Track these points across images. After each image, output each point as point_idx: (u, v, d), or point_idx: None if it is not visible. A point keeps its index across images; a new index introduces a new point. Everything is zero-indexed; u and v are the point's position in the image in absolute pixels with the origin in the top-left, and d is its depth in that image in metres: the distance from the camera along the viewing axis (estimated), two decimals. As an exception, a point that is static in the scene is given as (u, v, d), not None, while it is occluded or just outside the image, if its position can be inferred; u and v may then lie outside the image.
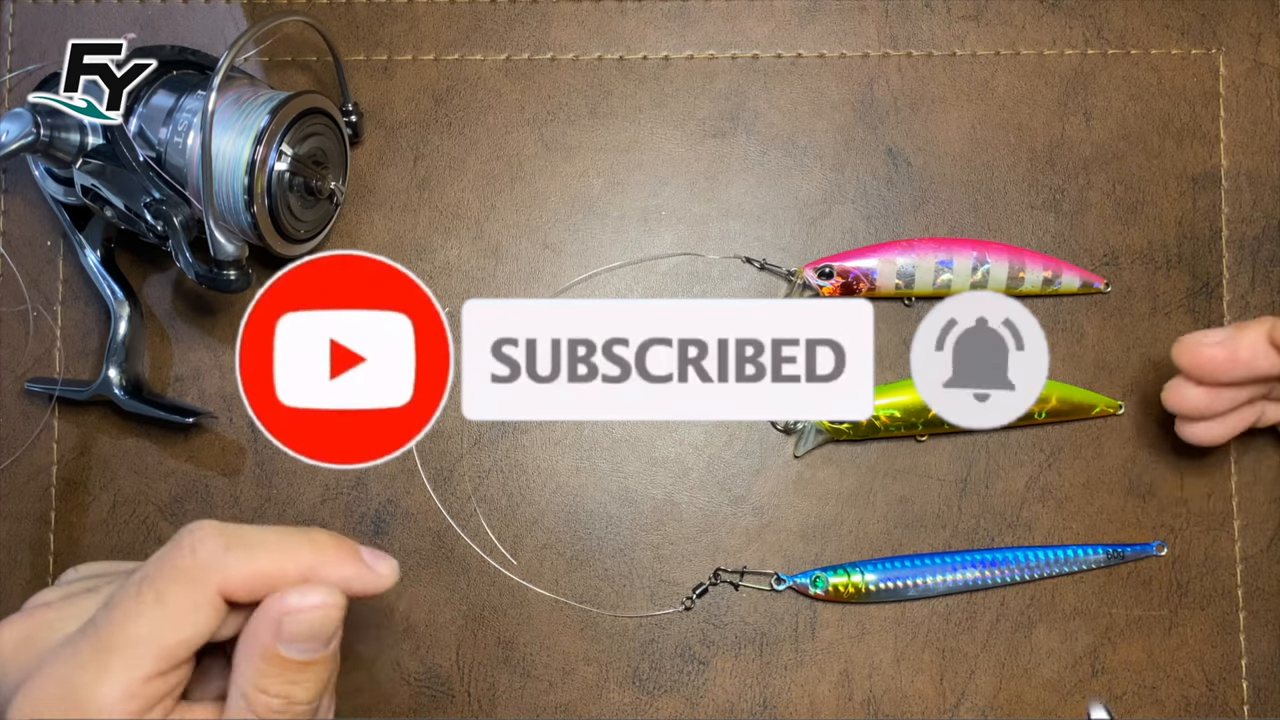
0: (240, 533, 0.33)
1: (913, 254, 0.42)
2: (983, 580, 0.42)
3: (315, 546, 0.33)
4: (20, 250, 0.44)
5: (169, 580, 0.32)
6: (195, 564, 0.32)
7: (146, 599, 0.31)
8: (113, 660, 0.31)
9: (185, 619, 0.31)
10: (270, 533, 0.33)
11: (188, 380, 0.43)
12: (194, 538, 0.32)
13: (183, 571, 0.32)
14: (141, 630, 0.31)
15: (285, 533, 0.33)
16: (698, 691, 0.42)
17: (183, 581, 0.31)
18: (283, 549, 0.33)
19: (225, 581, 0.32)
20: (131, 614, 0.31)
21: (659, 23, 0.44)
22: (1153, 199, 0.44)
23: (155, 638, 0.31)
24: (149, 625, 0.31)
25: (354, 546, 0.34)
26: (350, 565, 0.33)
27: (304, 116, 0.39)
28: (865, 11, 0.44)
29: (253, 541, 0.32)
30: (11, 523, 0.43)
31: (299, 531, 0.33)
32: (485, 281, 0.43)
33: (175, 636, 0.31)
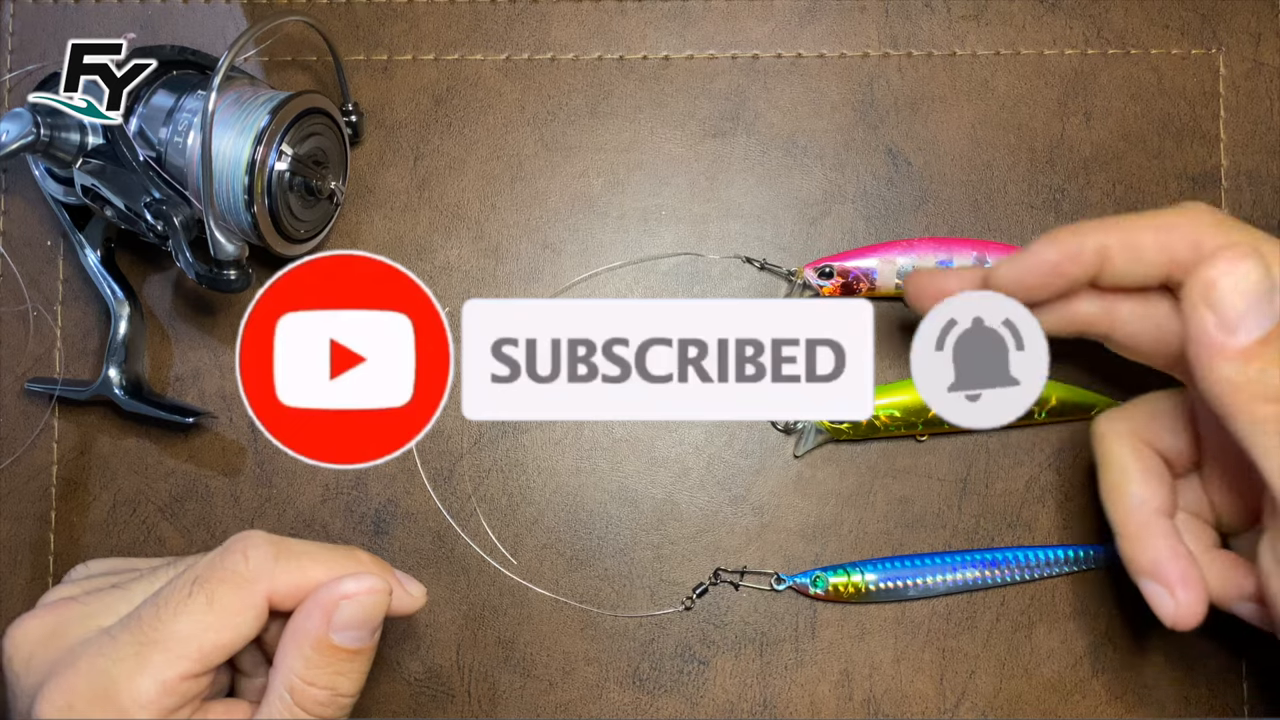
0: (288, 544, 0.34)
1: (913, 254, 0.42)
2: (983, 580, 0.42)
3: (356, 562, 0.35)
4: (20, 250, 0.44)
5: (221, 583, 0.33)
6: (248, 570, 0.33)
7: (198, 599, 0.32)
8: (154, 655, 0.31)
9: (232, 622, 0.32)
10: (314, 545, 0.35)
11: (188, 380, 0.43)
12: (247, 544, 0.33)
13: (236, 575, 0.33)
14: (188, 629, 0.32)
15: (329, 547, 0.35)
16: (698, 691, 0.42)
17: (234, 585, 0.33)
18: (328, 561, 0.34)
19: (274, 589, 0.33)
20: (180, 612, 0.32)
21: (659, 23, 0.44)
22: (1153, 199, 0.44)
23: (200, 637, 0.32)
24: (196, 624, 0.32)
25: (388, 566, 0.36)
26: (393, 584, 0.35)
27: (304, 116, 0.39)
28: (865, 11, 0.44)
29: (299, 552, 0.34)
30: (11, 523, 0.43)
31: (341, 548, 0.35)
32: (485, 281, 0.43)
33: (219, 638, 0.32)
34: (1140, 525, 0.35)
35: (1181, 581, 0.35)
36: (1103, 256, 0.33)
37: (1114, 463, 0.36)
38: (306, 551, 0.34)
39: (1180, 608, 0.35)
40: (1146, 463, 0.36)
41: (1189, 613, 0.35)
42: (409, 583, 0.36)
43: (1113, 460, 0.36)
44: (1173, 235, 0.33)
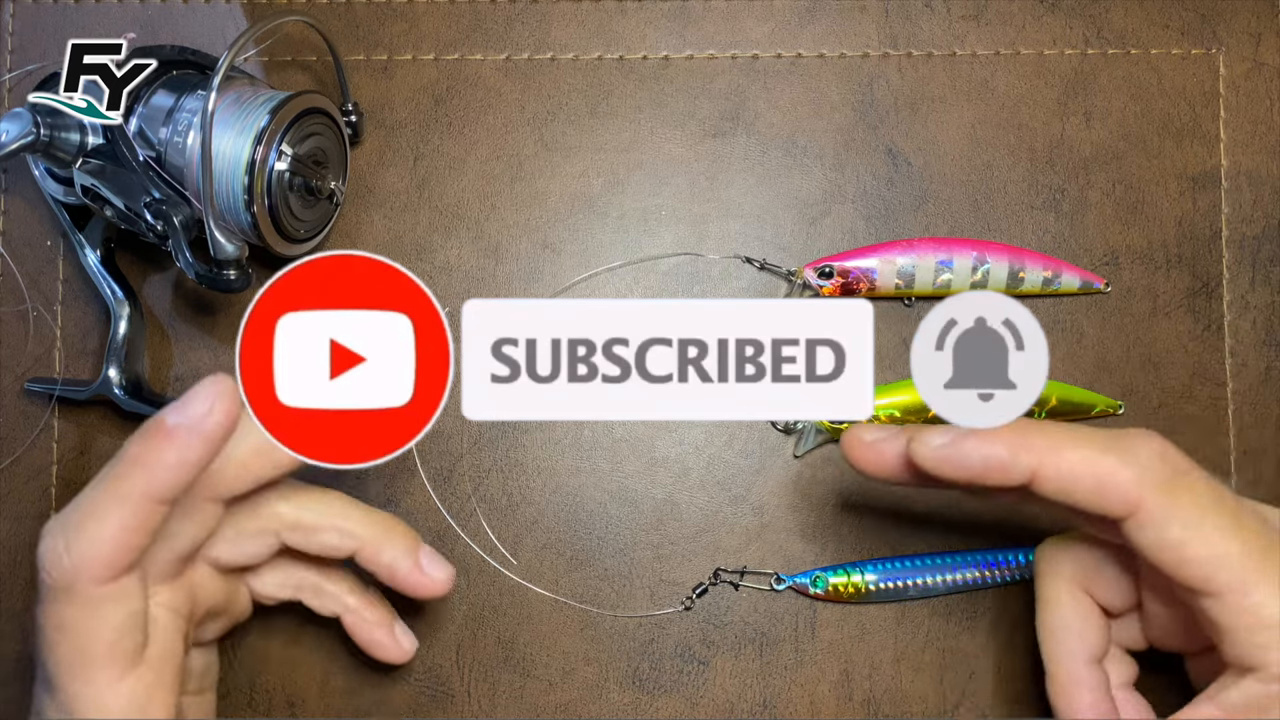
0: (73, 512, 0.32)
1: (913, 254, 0.42)
2: (983, 580, 0.42)
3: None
4: (20, 250, 0.44)
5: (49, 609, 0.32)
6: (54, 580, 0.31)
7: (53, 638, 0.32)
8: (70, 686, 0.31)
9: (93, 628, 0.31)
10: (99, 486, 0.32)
11: (188, 380, 0.43)
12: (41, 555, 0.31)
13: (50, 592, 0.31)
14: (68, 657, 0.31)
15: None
16: (698, 691, 0.42)
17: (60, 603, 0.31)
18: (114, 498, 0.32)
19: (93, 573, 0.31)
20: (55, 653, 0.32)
21: (659, 23, 0.44)
22: (1153, 199, 0.44)
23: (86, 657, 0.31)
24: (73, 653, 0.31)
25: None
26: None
27: (304, 116, 0.39)
28: (865, 11, 0.44)
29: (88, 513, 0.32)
30: (11, 523, 0.43)
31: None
32: (485, 281, 0.43)
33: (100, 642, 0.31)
34: (1069, 675, 0.35)
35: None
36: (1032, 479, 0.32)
37: (1051, 607, 0.36)
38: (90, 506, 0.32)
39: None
40: (1084, 610, 0.36)
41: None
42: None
43: (1050, 604, 0.36)
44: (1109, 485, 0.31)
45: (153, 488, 0.31)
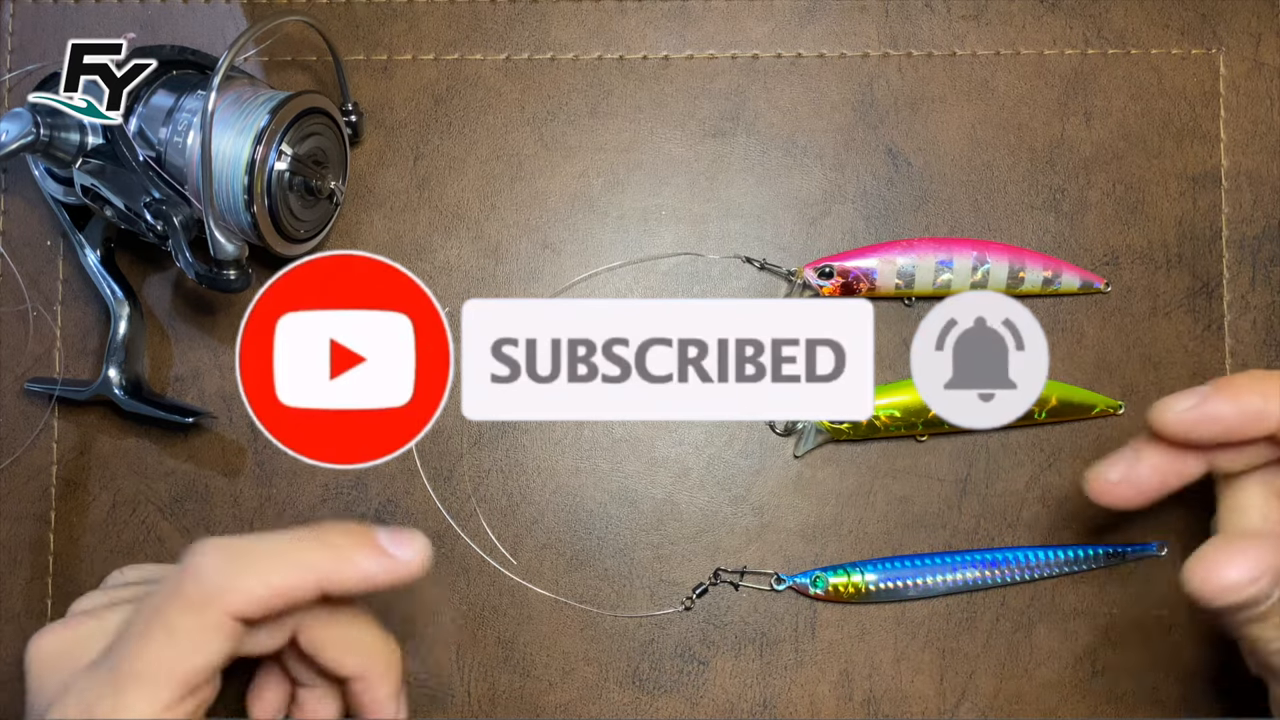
0: (246, 549, 0.32)
1: (913, 254, 0.42)
2: (983, 580, 0.42)
3: (328, 548, 0.32)
4: (20, 250, 0.44)
5: (177, 610, 0.31)
6: (201, 591, 0.31)
7: (156, 632, 0.31)
8: (129, 692, 0.30)
9: (196, 648, 0.31)
10: (279, 541, 0.32)
11: (188, 380, 0.43)
12: (198, 563, 0.31)
13: (189, 600, 0.31)
14: (154, 662, 0.30)
15: (295, 539, 0.32)
16: (698, 691, 0.42)
17: (190, 610, 0.31)
18: (294, 558, 0.32)
19: (234, 605, 0.31)
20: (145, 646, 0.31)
21: (659, 23, 0.44)
22: (1153, 199, 0.44)
23: (169, 668, 0.30)
24: (161, 657, 0.31)
25: (370, 536, 0.33)
26: (369, 559, 0.32)
27: (304, 116, 0.39)
28: (865, 11, 0.44)
29: (260, 555, 0.32)
30: (11, 523, 0.43)
31: (309, 535, 0.32)
32: (485, 281, 0.43)
33: (188, 665, 0.31)
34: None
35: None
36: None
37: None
38: (269, 553, 0.32)
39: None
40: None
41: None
42: (401, 546, 0.33)
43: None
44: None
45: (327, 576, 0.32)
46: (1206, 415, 0.33)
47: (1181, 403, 0.33)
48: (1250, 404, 0.32)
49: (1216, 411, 0.33)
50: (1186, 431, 0.33)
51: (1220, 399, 0.33)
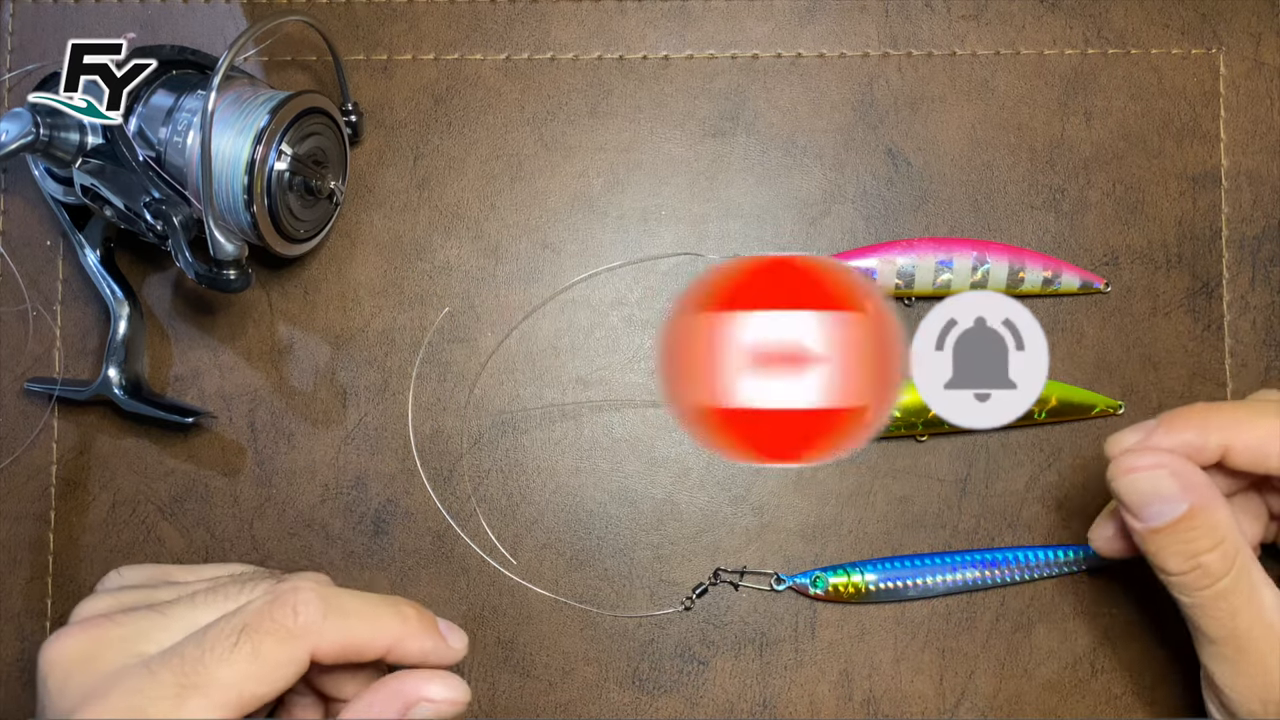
0: (338, 598, 0.34)
1: (913, 254, 0.42)
2: (983, 580, 0.42)
3: (402, 619, 0.35)
4: (20, 250, 0.44)
5: (268, 635, 0.33)
6: (296, 626, 0.33)
7: (244, 649, 0.32)
8: (193, 699, 0.31)
9: (274, 674, 0.32)
10: (363, 601, 0.35)
11: (188, 380, 0.43)
12: (298, 599, 0.33)
13: (283, 630, 0.33)
14: (230, 677, 0.32)
15: (377, 602, 0.35)
16: (698, 691, 0.42)
17: (281, 639, 0.33)
18: (375, 619, 0.34)
19: (319, 646, 0.33)
20: (224, 659, 0.32)
21: (659, 23, 0.44)
22: (1153, 199, 0.44)
23: (240, 686, 0.32)
24: (238, 673, 0.32)
25: (434, 620, 0.36)
26: (430, 639, 0.35)
27: (304, 116, 0.39)
28: (865, 11, 0.44)
29: (349, 609, 0.34)
30: (11, 523, 0.43)
31: (388, 602, 0.36)
32: (485, 281, 0.43)
33: (259, 689, 0.32)
34: None
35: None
36: (1224, 453, 0.35)
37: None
38: (355, 610, 0.34)
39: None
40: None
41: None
42: (452, 636, 0.36)
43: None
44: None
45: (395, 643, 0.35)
46: (1148, 448, 0.35)
47: (1128, 438, 0.35)
48: (1187, 439, 0.34)
49: (1156, 445, 0.35)
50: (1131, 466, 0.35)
51: (1160, 433, 0.35)
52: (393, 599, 0.36)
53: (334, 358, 0.43)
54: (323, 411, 0.43)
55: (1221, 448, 0.35)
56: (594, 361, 0.43)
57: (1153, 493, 0.34)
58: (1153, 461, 0.34)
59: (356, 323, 0.43)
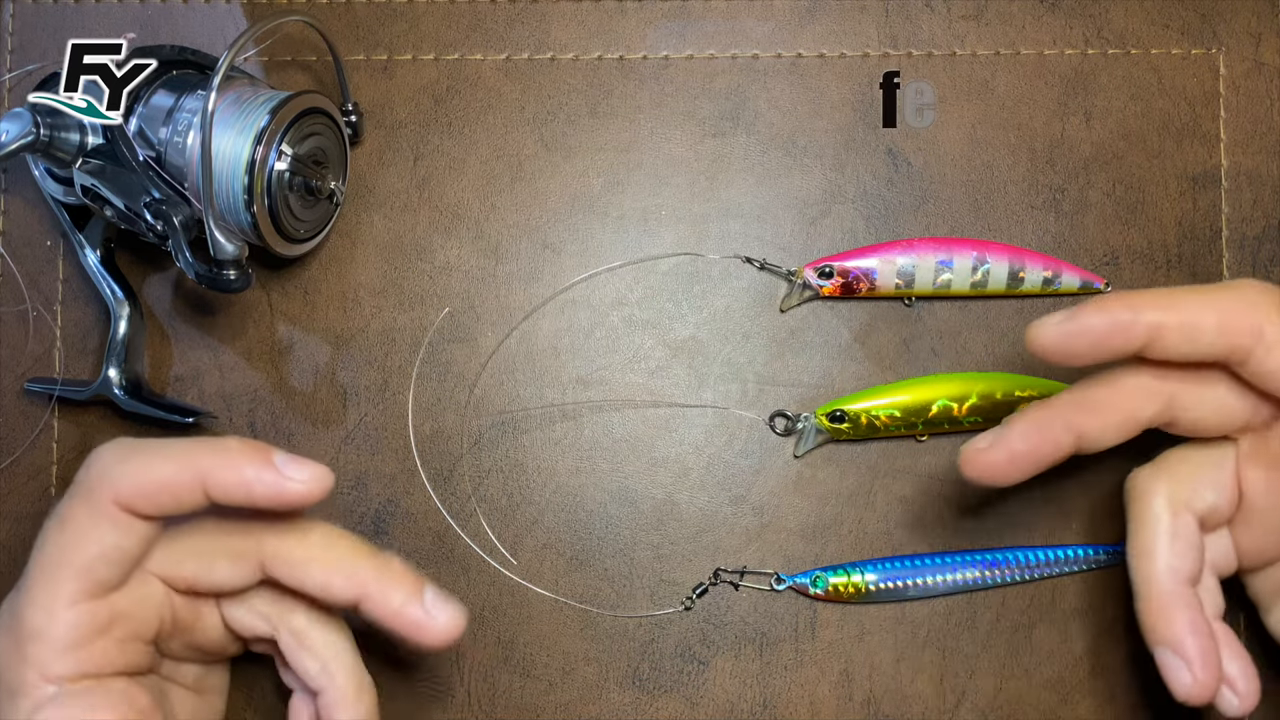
0: (143, 445, 0.33)
1: (913, 254, 0.42)
2: (983, 580, 0.42)
3: (217, 451, 0.33)
4: (20, 250, 0.44)
5: (69, 501, 0.33)
6: (88, 479, 0.33)
7: (52, 527, 0.32)
8: (34, 588, 0.32)
9: (86, 536, 0.32)
10: (174, 443, 0.33)
11: (188, 380, 0.43)
12: (92, 456, 0.33)
13: (79, 488, 0.33)
14: (54, 553, 0.32)
15: (191, 441, 0.34)
16: (698, 691, 0.42)
17: (79, 499, 0.32)
18: (180, 454, 0.33)
19: (118, 493, 0.32)
20: (45, 541, 0.32)
21: (659, 23, 0.44)
22: (1153, 199, 0.44)
23: (65, 559, 0.32)
24: (57, 548, 0.32)
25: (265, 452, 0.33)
26: (254, 469, 0.33)
27: (304, 116, 0.39)
28: (865, 11, 0.44)
29: (149, 448, 0.33)
30: (11, 523, 0.43)
31: (206, 440, 0.34)
32: (485, 281, 0.43)
33: (83, 555, 0.32)
34: (1166, 595, 0.35)
35: (1201, 658, 0.34)
36: (1155, 333, 0.33)
37: (1148, 527, 0.36)
38: (162, 451, 0.33)
39: (1197, 684, 0.34)
40: (1182, 529, 0.36)
41: (1205, 690, 0.35)
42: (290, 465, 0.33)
43: (1147, 524, 0.36)
44: (1230, 319, 0.33)
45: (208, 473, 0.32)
46: (1079, 327, 0.33)
47: (1056, 316, 0.34)
48: (1119, 315, 0.33)
49: (1088, 323, 0.33)
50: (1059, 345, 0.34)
51: (1090, 310, 0.33)
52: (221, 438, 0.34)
53: (334, 358, 0.43)
54: (323, 411, 0.43)
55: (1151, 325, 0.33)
56: (594, 361, 0.43)
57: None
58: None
59: (356, 323, 0.43)
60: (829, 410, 0.42)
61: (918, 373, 0.43)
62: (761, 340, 0.43)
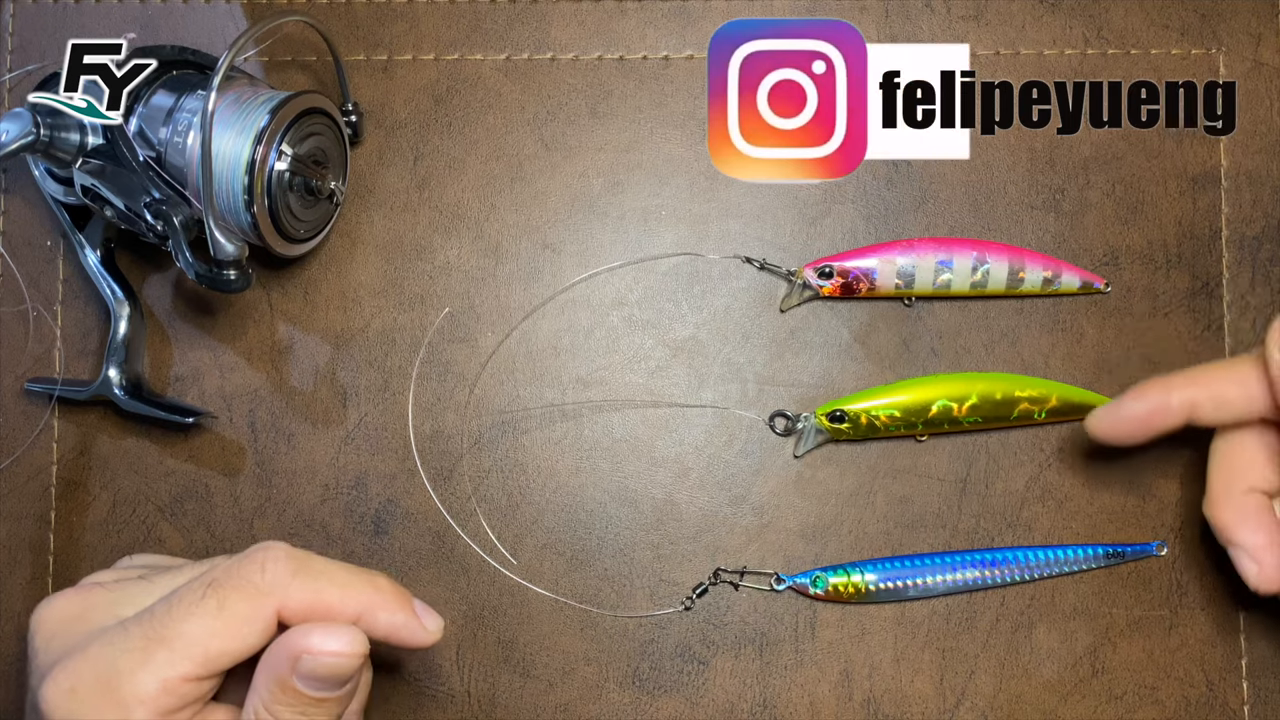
0: (308, 560, 0.34)
1: (913, 254, 0.42)
2: (983, 580, 0.42)
3: (375, 589, 0.34)
4: (20, 250, 0.44)
5: (234, 590, 0.33)
6: (263, 582, 0.33)
7: (209, 603, 0.32)
8: (159, 652, 0.32)
9: (240, 630, 0.32)
10: (335, 566, 0.34)
11: (188, 380, 0.43)
12: (266, 555, 0.33)
13: (249, 585, 0.33)
14: (195, 631, 0.32)
15: (350, 569, 0.35)
16: (698, 691, 0.42)
17: (246, 595, 0.33)
18: (345, 584, 0.34)
19: (286, 604, 0.33)
20: (191, 613, 0.32)
21: (659, 23, 0.44)
22: (1153, 199, 0.44)
23: (206, 641, 0.32)
24: (204, 628, 0.32)
25: (409, 597, 0.35)
26: (402, 614, 0.35)
27: (304, 116, 0.39)
28: (865, 11, 0.44)
29: (318, 571, 0.34)
30: (11, 523, 0.43)
31: (362, 571, 0.35)
32: (485, 281, 0.43)
33: (225, 645, 0.32)
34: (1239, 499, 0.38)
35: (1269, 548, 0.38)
36: (1190, 408, 0.38)
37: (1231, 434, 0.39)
38: (325, 572, 0.34)
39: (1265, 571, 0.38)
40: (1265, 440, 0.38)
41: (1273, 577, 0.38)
42: (428, 617, 0.35)
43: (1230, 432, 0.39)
44: (1254, 388, 0.37)
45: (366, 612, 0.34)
46: (1122, 416, 0.39)
47: (1104, 409, 0.39)
48: (1154, 399, 0.38)
49: (1129, 411, 0.39)
50: (1110, 431, 0.39)
51: (1129, 400, 0.39)
52: (369, 571, 0.35)
53: (334, 358, 0.43)
54: (323, 411, 0.43)
55: (1187, 403, 0.38)
56: (594, 361, 0.43)
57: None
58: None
59: (356, 323, 0.43)
60: (829, 410, 0.42)
61: (918, 373, 0.43)
62: (761, 340, 0.43)
